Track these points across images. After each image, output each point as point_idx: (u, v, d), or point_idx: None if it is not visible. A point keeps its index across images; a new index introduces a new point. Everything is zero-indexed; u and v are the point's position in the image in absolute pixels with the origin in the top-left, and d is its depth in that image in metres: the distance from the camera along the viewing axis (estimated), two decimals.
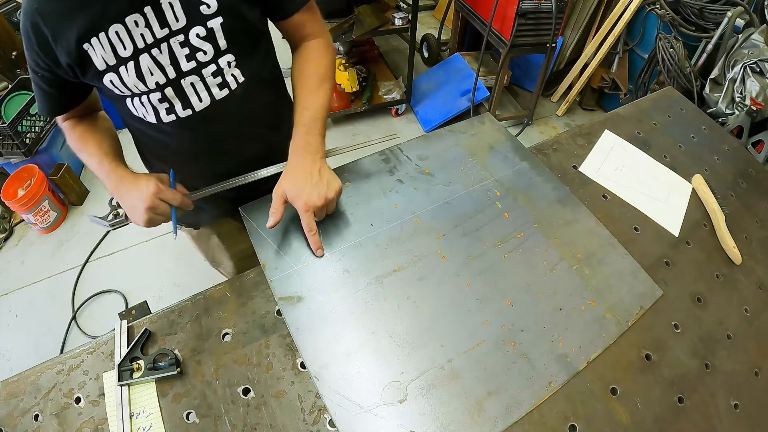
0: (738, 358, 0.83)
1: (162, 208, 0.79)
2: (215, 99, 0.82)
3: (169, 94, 0.78)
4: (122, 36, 0.71)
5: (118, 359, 0.72)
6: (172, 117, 0.81)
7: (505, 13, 2.37)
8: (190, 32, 0.74)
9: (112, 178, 0.81)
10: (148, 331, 0.76)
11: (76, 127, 0.87)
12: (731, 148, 1.24)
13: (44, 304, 2.07)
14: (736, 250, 0.97)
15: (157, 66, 0.75)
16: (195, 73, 0.78)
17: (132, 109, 0.81)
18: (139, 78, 0.75)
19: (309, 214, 0.81)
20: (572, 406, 0.71)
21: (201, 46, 0.76)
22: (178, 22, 0.73)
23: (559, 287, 0.83)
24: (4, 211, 2.37)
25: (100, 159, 0.83)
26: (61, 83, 0.78)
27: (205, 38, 0.76)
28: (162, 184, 0.79)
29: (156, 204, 0.78)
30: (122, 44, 0.71)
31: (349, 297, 0.79)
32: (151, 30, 0.72)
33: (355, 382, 0.70)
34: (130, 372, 0.71)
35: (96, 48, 0.71)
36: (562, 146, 1.14)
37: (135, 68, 0.74)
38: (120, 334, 0.75)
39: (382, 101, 2.88)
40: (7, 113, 2.22)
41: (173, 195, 0.80)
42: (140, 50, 0.73)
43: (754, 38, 2.02)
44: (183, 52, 0.75)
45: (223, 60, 0.79)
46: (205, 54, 0.77)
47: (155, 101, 0.79)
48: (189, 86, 0.79)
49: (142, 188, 0.77)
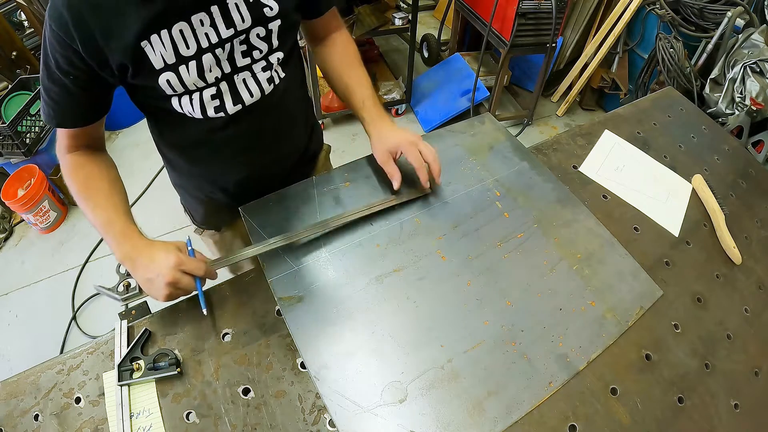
0: (738, 358, 0.83)
1: (185, 281, 0.69)
2: (264, 93, 0.83)
3: (223, 88, 0.78)
4: (186, 34, 0.68)
5: (118, 359, 0.72)
6: (220, 114, 0.80)
7: (505, 13, 2.37)
8: (251, 32, 0.75)
9: (125, 247, 0.71)
10: (148, 331, 0.76)
11: (82, 167, 0.78)
12: (731, 148, 1.24)
13: (44, 304, 2.06)
14: (736, 250, 0.97)
15: (216, 64, 0.74)
16: (247, 69, 0.79)
17: (176, 107, 0.76)
18: (200, 76, 0.73)
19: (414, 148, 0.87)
20: (572, 406, 0.71)
21: (258, 45, 0.77)
22: (243, 23, 0.73)
23: (559, 287, 0.83)
24: (4, 211, 2.37)
25: (110, 217, 0.73)
26: (94, 87, 0.72)
27: (263, 38, 0.77)
28: (182, 253, 0.71)
29: (178, 278, 0.68)
30: (185, 43, 0.69)
31: (349, 297, 0.79)
32: (217, 30, 0.71)
33: (355, 382, 0.70)
34: (130, 372, 0.71)
35: (155, 46, 0.67)
36: (562, 146, 1.14)
37: (197, 66, 0.72)
38: (120, 334, 0.75)
39: (382, 101, 2.88)
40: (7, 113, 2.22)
41: (196, 265, 0.70)
42: (204, 49, 0.71)
43: (754, 38, 2.02)
44: (241, 48, 0.76)
45: (273, 57, 0.81)
46: (260, 52, 0.79)
47: (207, 98, 0.77)
48: (241, 82, 0.79)
49: (160, 261, 0.68)
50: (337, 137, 2.87)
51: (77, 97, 0.72)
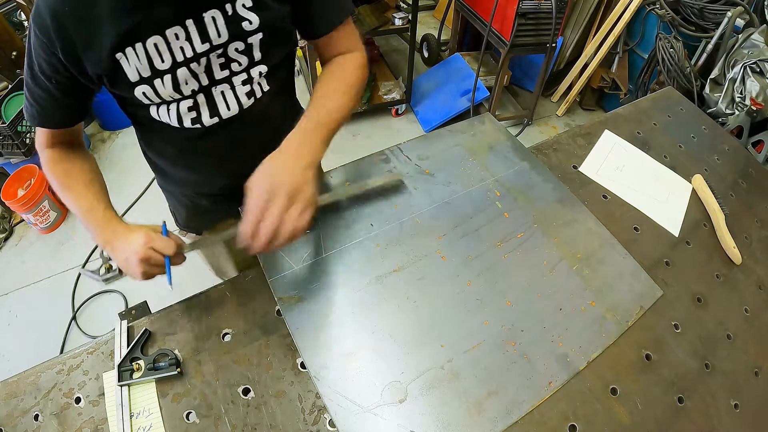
0: (738, 358, 0.83)
1: (155, 258, 0.73)
2: (243, 107, 0.81)
3: (200, 100, 0.77)
4: (161, 49, 0.68)
5: (118, 359, 0.72)
6: (197, 125, 0.80)
7: (505, 13, 2.37)
8: (230, 46, 0.73)
9: (105, 232, 0.74)
10: (148, 331, 0.76)
11: (61, 161, 0.80)
12: (731, 148, 1.24)
13: (44, 304, 2.06)
14: (736, 250, 0.96)
15: (192, 77, 0.73)
16: (226, 81, 0.77)
17: (155, 115, 0.77)
18: (175, 89, 0.73)
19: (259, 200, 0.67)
20: (572, 406, 0.71)
21: (237, 58, 0.75)
22: (220, 38, 0.71)
23: (559, 287, 0.83)
24: (4, 211, 2.37)
25: (91, 205, 0.76)
26: (76, 92, 0.73)
27: (242, 52, 0.74)
28: (155, 233, 0.74)
29: (149, 255, 0.72)
30: (160, 57, 0.68)
31: (349, 297, 0.79)
32: (192, 44, 0.70)
33: (355, 382, 0.70)
34: (130, 372, 0.71)
35: (130, 59, 0.67)
36: (562, 146, 1.14)
37: (172, 80, 0.71)
38: (120, 334, 0.75)
39: (382, 101, 2.88)
40: (7, 113, 2.22)
41: (166, 244, 0.73)
42: (179, 63, 0.70)
43: (754, 38, 2.02)
44: (218, 61, 0.74)
45: (254, 70, 0.78)
46: (239, 65, 0.76)
47: (184, 109, 0.77)
48: (219, 94, 0.78)
49: (132, 240, 0.72)
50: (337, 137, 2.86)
51: (59, 101, 0.73)
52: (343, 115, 0.78)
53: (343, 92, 0.80)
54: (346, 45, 0.86)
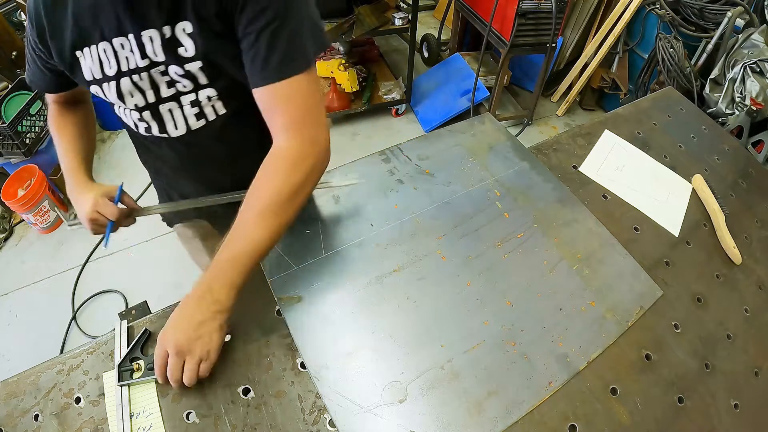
0: (738, 358, 0.83)
1: (101, 221, 0.82)
2: (190, 129, 0.79)
3: (146, 116, 0.77)
4: (109, 55, 0.70)
5: (118, 359, 0.72)
6: (150, 134, 0.82)
7: (505, 13, 2.37)
8: (169, 68, 0.70)
9: (70, 182, 0.84)
10: (148, 332, 0.76)
11: (59, 114, 0.89)
12: (731, 148, 1.24)
13: (44, 304, 2.06)
14: (736, 250, 0.96)
15: (137, 90, 0.73)
16: (174, 99, 0.75)
17: (119, 113, 0.82)
18: (119, 98, 0.74)
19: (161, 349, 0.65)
20: (572, 406, 0.71)
21: (180, 80, 0.72)
22: (157, 57, 0.69)
23: (559, 287, 0.83)
24: (4, 211, 2.37)
25: (68, 155, 0.86)
26: (54, 69, 0.78)
27: (184, 76, 0.71)
28: (103, 198, 0.82)
29: (95, 217, 0.82)
30: (108, 62, 0.71)
31: (349, 297, 0.79)
32: (135, 56, 0.70)
33: (355, 382, 0.70)
34: (130, 372, 0.71)
35: (86, 58, 0.71)
36: (562, 146, 1.14)
37: (116, 88, 0.73)
38: (120, 334, 0.75)
39: (382, 101, 2.88)
40: (7, 113, 2.22)
41: (111, 210, 0.82)
42: (123, 73, 0.71)
43: (754, 38, 2.02)
44: (164, 79, 0.72)
45: (202, 93, 0.74)
46: (184, 87, 0.73)
47: (135, 118, 0.79)
48: (167, 112, 0.77)
49: (83, 200, 0.82)
50: (337, 137, 2.87)
51: (41, 70, 0.80)
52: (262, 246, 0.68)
53: (260, 213, 0.67)
54: (282, 120, 0.69)
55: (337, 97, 2.74)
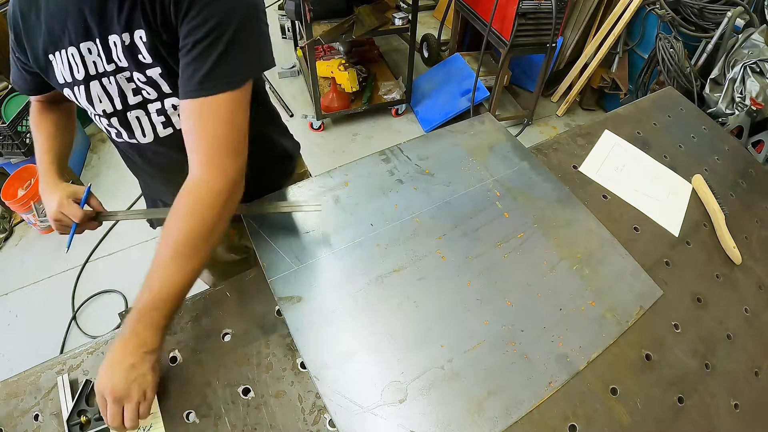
0: (738, 358, 0.83)
1: (66, 221, 0.83)
2: (158, 136, 0.79)
3: (114, 123, 0.78)
4: (77, 59, 0.71)
5: (65, 414, 0.68)
6: (122, 140, 0.82)
7: (505, 13, 2.37)
8: (134, 74, 0.70)
9: (42, 180, 0.86)
10: (90, 382, 0.71)
11: (38, 112, 0.91)
12: (731, 148, 1.24)
13: (44, 304, 2.06)
14: (736, 250, 0.96)
15: (105, 95, 0.74)
16: (141, 107, 0.75)
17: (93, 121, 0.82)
18: (89, 102, 0.75)
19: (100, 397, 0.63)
20: (572, 406, 0.71)
21: (144, 88, 0.72)
22: (121, 62, 0.70)
23: (559, 287, 0.83)
24: (4, 211, 2.37)
25: (42, 154, 0.87)
26: (33, 72, 0.79)
27: (146, 83, 0.71)
28: (68, 199, 0.82)
29: (60, 217, 0.83)
30: (77, 67, 0.71)
31: (349, 297, 0.79)
32: (102, 61, 0.71)
33: (355, 382, 0.70)
34: (80, 426, 0.68)
35: (57, 62, 0.72)
36: (562, 146, 1.14)
37: (85, 92, 0.73)
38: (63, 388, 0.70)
39: (382, 101, 2.88)
40: (7, 113, 2.22)
41: (74, 212, 0.82)
42: (92, 77, 0.72)
43: (754, 38, 2.02)
44: (130, 86, 0.73)
45: (168, 102, 0.74)
46: (149, 94, 0.73)
47: (104, 124, 0.80)
48: (134, 119, 0.77)
49: (50, 200, 0.82)
50: (337, 137, 2.87)
51: (21, 72, 0.81)
52: (182, 286, 0.66)
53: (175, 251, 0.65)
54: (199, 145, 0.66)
55: (337, 97, 2.74)
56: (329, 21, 2.42)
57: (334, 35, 2.41)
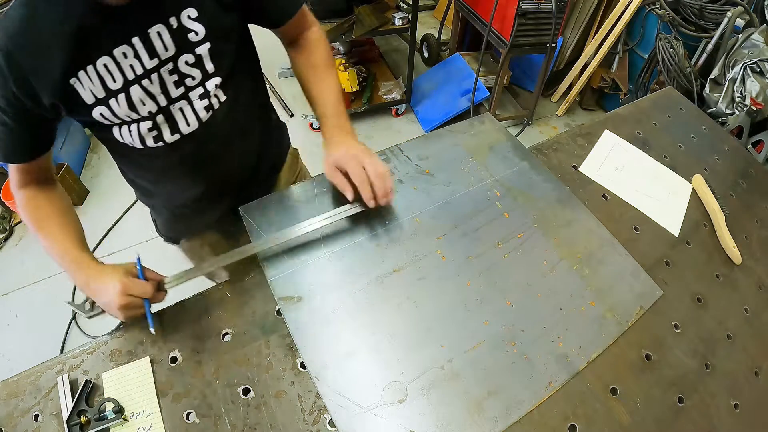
0: (738, 358, 0.83)
1: (135, 302, 0.72)
2: (202, 121, 0.82)
3: (159, 120, 0.78)
4: (111, 68, 0.69)
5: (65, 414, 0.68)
6: (159, 143, 0.81)
7: (505, 13, 2.37)
8: (179, 60, 0.73)
9: (80, 276, 0.75)
10: (91, 383, 0.72)
11: (34, 201, 0.80)
12: (731, 148, 1.24)
13: (44, 304, 2.06)
14: (736, 250, 0.96)
15: (148, 96, 0.74)
16: (184, 98, 0.77)
17: (117, 136, 0.78)
18: (131, 108, 0.73)
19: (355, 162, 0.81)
20: (572, 406, 0.71)
21: (190, 73, 0.75)
22: (167, 52, 0.71)
23: (559, 287, 0.83)
24: (4, 211, 2.37)
25: (65, 248, 0.77)
26: (34, 124, 0.73)
27: (194, 65, 0.75)
28: (128, 278, 0.72)
29: (127, 302, 0.71)
30: (111, 76, 0.69)
31: (349, 297, 0.79)
32: (141, 61, 0.70)
33: (355, 382, 0.70)
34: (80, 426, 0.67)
35: (84, 82, 0.69)
36: (562, 146, 1.14)
37: (126, 99, 0.72)
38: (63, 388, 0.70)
39: (382, 101, 2.88)
40: None
41: (142, 288, 0.72)
42: (131, 81, 0.71)
43: (754, 38, 2.02)
44: (172, 79, 0.74)
45: (210, 83, 0.79)
46: (193, 79, 0.76)
47: (144, 130, 0.78)
48: (178, 111, 0.78)
49: (109, 289, 0.71)
50: None
51: (19, 134, 0.73)
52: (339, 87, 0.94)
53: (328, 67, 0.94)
54: (305, 22, 0.94)
55: None
56: (329, 21, 2.42)
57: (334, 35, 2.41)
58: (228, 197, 0.99)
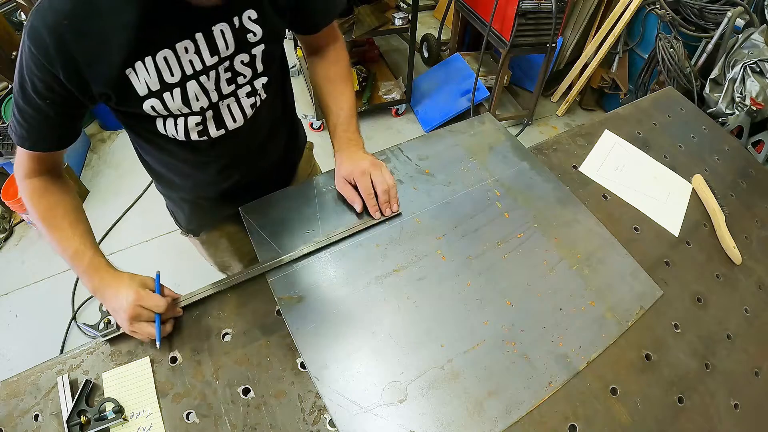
0: (738, 358, 0.83)
1: (146, 315, 0.70)
2: (246, 118, 0.84)
3: (209, 116, 0.79)
4: (171, 62, 0.68)
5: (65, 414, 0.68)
6: (204, 138, 0.81)
7: (505, 13, 2.37)
8: (236, 58, 0.75)
9: (94, 280, 0.72)
10: (91, 383, 0.72)
11: (44, 194, 0.76)
12: (731, 148, 1.24)
13: (44, 304, 2.06)
14: (736, 250, 0.96)
15: (203, 91, 0.74)
16: (233, 95, 0.79)
17: (161, 129, 0.76)
18: (184, 103, 0.73)
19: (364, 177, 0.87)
20: (572, 406, 0.71)
21: (242, 71, 0.77)
22: (228, 50, 0.73)
23: (559, 287, 0.83)
24: (4, 211, 2.37)
25: (77, 249, 0.73)
26: (71, 111, 0.71)
27: (247, 64, 0.77)
28: (144, 289, 0.71)
29: (139, 313, 0.69)
30: (169, 70, 0.68)
31: (349, 297, 0.79)
32: (201, 57, 0.70)
33: (355, 382, 0.70)
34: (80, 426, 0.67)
35: (140, 73, 0.66)
36: (562, 146, 1.14)
37: (181, 94, 0.71)
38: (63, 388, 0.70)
39: (382, 101, 2.88)
40: (7, 113, 2.22)
41: (156, 302, 0.70)
42: (188, 77, 0.71)
43: (754, 38, 2.02)
44: (226, 76, 0.75)
45: (258, 82, 0.81)
46: (244, 77, 0.79)
47: (192, 124, 0.77)
48: (225, 108, 0.80)
49: (123, 297, 0.69)
50: None
51: (52, 121, 0.70)
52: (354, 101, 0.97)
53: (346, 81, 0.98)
54: (332, 35, 0.98)
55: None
56: None
57: None
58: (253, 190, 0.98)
